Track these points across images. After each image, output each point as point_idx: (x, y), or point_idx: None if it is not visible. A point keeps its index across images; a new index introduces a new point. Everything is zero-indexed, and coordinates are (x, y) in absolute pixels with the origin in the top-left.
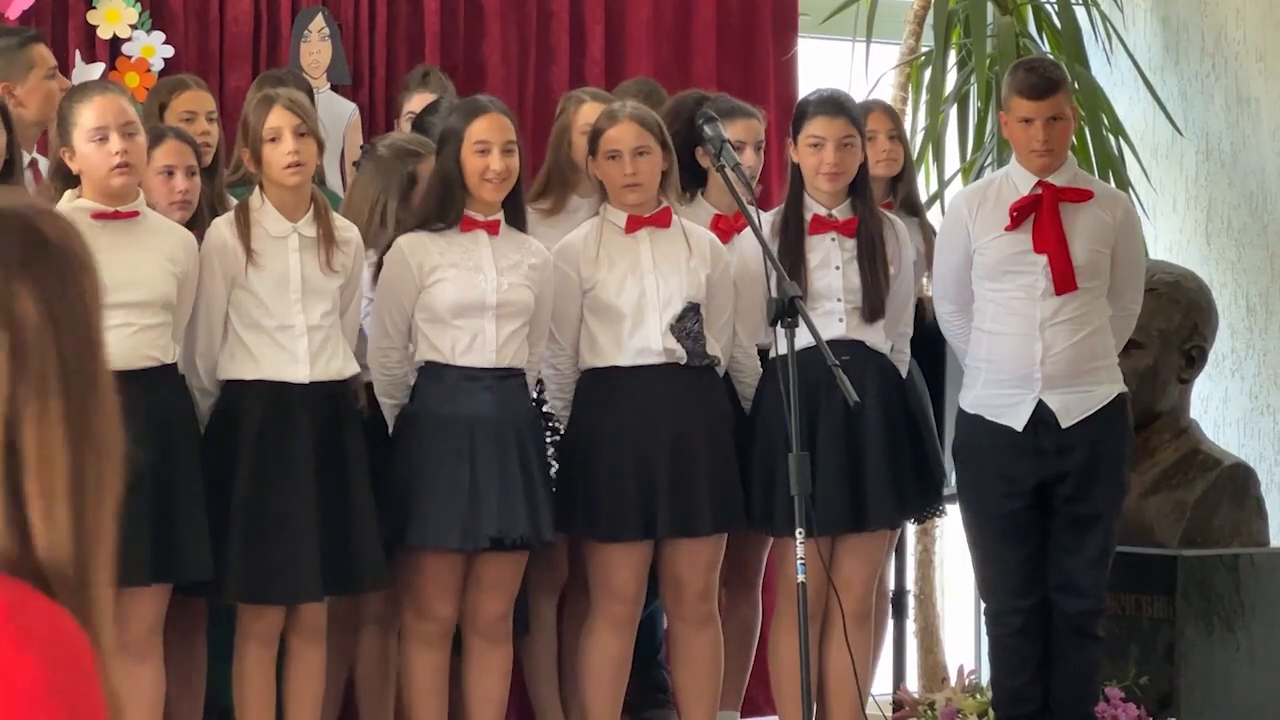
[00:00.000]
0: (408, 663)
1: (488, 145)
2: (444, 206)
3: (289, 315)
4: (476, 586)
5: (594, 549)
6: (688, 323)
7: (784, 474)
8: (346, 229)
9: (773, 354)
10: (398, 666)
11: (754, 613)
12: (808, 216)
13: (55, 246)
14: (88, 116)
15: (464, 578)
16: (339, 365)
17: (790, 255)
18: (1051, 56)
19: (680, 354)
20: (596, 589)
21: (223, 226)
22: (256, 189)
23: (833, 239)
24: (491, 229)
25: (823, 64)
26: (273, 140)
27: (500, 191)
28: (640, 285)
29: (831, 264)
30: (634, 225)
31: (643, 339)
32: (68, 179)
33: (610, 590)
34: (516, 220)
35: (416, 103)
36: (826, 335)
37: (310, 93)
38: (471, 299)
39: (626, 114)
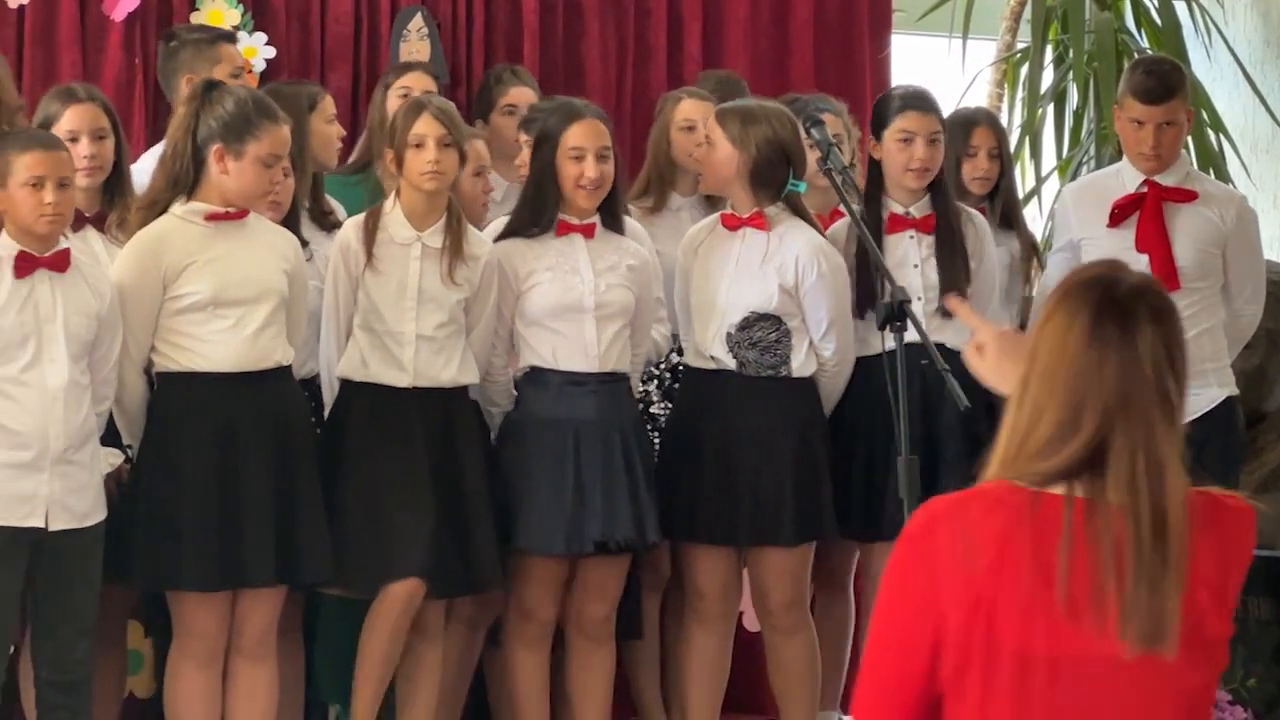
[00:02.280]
0: (511, 664)
1: (582, 151)
2: (539, 211)
3: (400, 322)
4: (581, 589)
5: (683, 550)
6: (754, 332)
7: (893, 478)
8: (479, 244)
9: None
10: (505, 667)
11: (847, 611)
12: (884, 215)
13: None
14: (273, 141)
15: (567, 579)
16: (451, 374)
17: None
18: (1150, 52)
19: (729, 363)
20: (689, 590)
21: (350, 228)
22: (392, 194)
23: (911, 236)
24: (587, 232)
25: (918, 61)
26: (417, 146)
27: (594, 199)
28: (716, 287)
29: (910, 262)
30: (730, 224)
31: (703, 343)
32: (177, 182)
33: (695, 589)
34: (613, 224)
35: (514, 96)
36: (906, 338)
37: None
38: (569, 301)
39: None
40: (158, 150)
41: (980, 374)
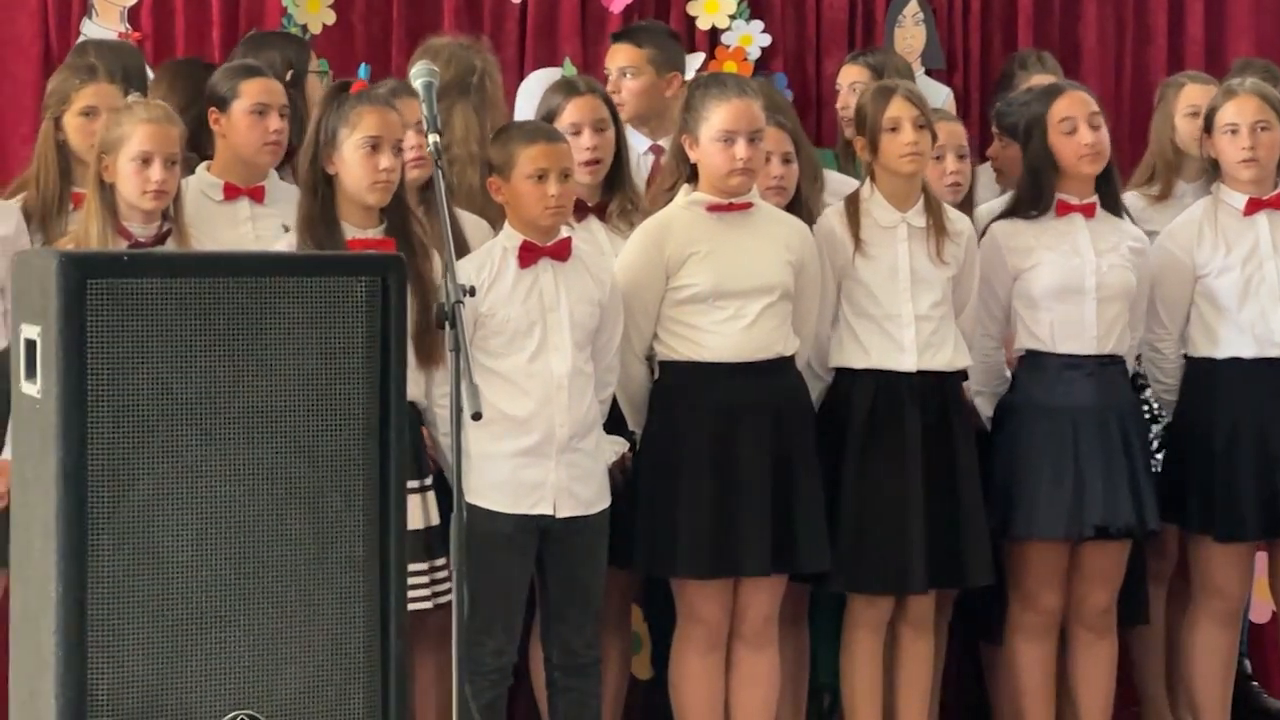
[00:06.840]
0: (1015, 656)
1: (1074, 120)
2: (1037, 194)
3: (897, 304)
4: (1081, 577)
5: (1195, 541)
6: None
7: None
8: (959, 220)
9: None
10: (1007, 659)
11: None
12: None
13: None
14: (721, 117)
15: (1068, 568)
16: (948, 356)
17: None
18: None
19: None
20: (1198, 582)
21: (832, 216)
22: (868, 179)
23: None
24: (1087, 212)
25: None
26: (891, 130)
27: (1098, 163)
28: (1255, 271)
29: None
30: (1252, 208)
31: (1263, 328)
32: (675, 178)
33: (1211, 585)
34: (1110, 204)
35: (1038, 83)
36: None
37: (910, 72)
38: (1070, 282)
39: (1246, 89)
40: None
41: None
